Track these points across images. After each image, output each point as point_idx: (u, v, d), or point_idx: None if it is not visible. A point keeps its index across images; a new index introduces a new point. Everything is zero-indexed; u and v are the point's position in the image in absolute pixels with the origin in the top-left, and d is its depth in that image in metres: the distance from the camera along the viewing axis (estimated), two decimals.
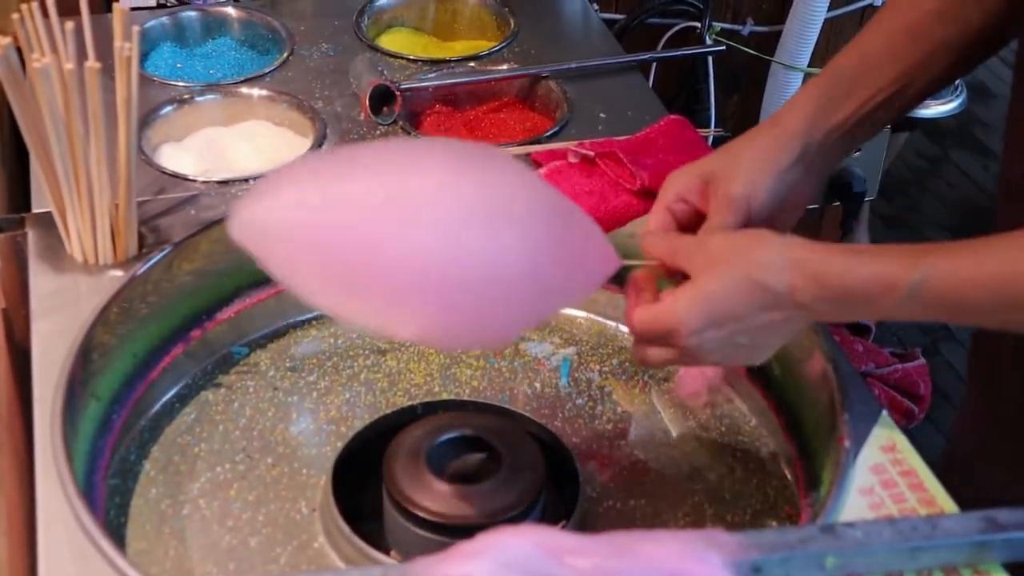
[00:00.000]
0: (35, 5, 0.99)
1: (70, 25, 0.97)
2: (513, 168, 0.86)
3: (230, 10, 1.45)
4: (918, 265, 0.81)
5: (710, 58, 1.63)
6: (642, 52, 1.48)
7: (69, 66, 0.95)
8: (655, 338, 0.87)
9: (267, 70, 1.35)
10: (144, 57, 1.38)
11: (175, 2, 1.46)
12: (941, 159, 3.21)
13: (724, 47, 1.51)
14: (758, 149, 0.94)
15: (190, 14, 1.44)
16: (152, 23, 1.40)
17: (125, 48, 0.97)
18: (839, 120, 0.97)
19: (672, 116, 1.27)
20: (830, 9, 1.73)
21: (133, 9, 1.44)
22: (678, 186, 0.95)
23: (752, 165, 0.94)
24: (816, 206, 1.89)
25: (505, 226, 0.81)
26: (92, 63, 0.95)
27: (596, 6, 1.61)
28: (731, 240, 0.88)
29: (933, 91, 1.02)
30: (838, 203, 1.89)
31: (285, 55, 1.39)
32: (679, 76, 1.74)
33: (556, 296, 0.87)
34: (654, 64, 1.65)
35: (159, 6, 1.46)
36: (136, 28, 0.99)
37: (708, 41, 1.66)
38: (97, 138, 1.00)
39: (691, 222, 0.94)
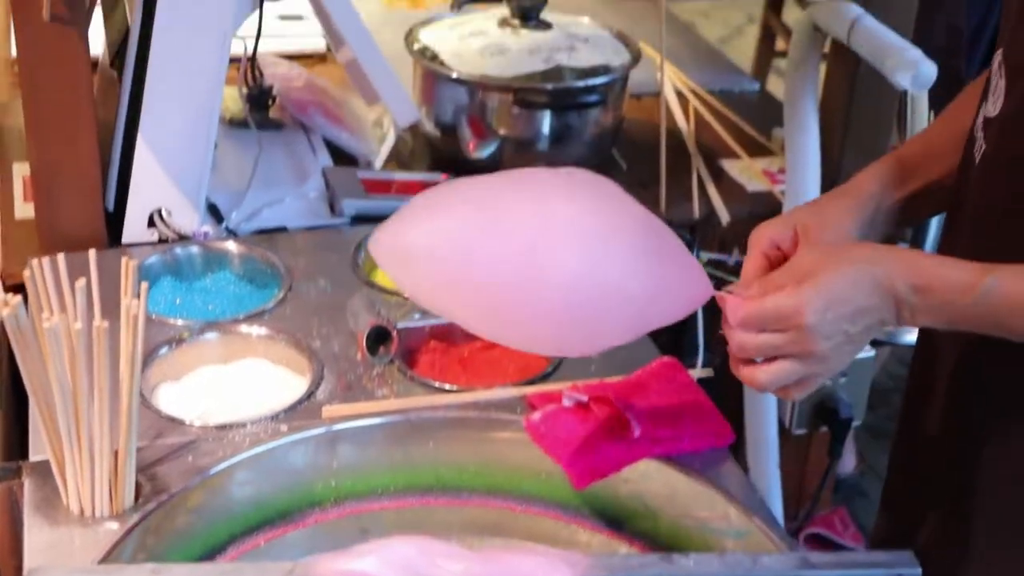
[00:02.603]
0: (46, 260, 1.02)
1: (80, 283, 0.99)
2: (622, 195, 0.99)
3: (230, 245, 1.48)
4: (992, 271, 0.93)
5: None
6: None
7: (78, 326, 0.96)
8: (770, 322, 0.95)
9: (265, 307, 1.38)
10: None
11: (176, 237, 1.49)
12: None
13: (712, 283, 1.54)
14: (843, 206, 1.09)
15: (190, 249, 1.47)
16: (152, 259, 1.43)
17: (133, 305, 0.99)
18: (905, 195, 1.12)
19: (663, 359, 1.29)
20: None
21: (134, 245, 1.48)
22: (772, 233, 1.06)
23: (839, 219, 1.07)
24: (803, 432, 1.90)
25: (621, 248, 0.95)
26: (99, 322, 0.97)
27: None
28: (828, 248, 1.00)
29: None
30: (825, 428, 1.90)
31: (284, 291, 1.41)
32: None
33: (656, 314, 0.99)
34: None
35: (160, 241, 1.49)
36: (144, 285, 1.01)
37: None
38: (100, 391, 1.01)
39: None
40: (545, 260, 0.94)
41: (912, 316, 0.97)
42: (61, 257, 1.02)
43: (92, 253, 1.03)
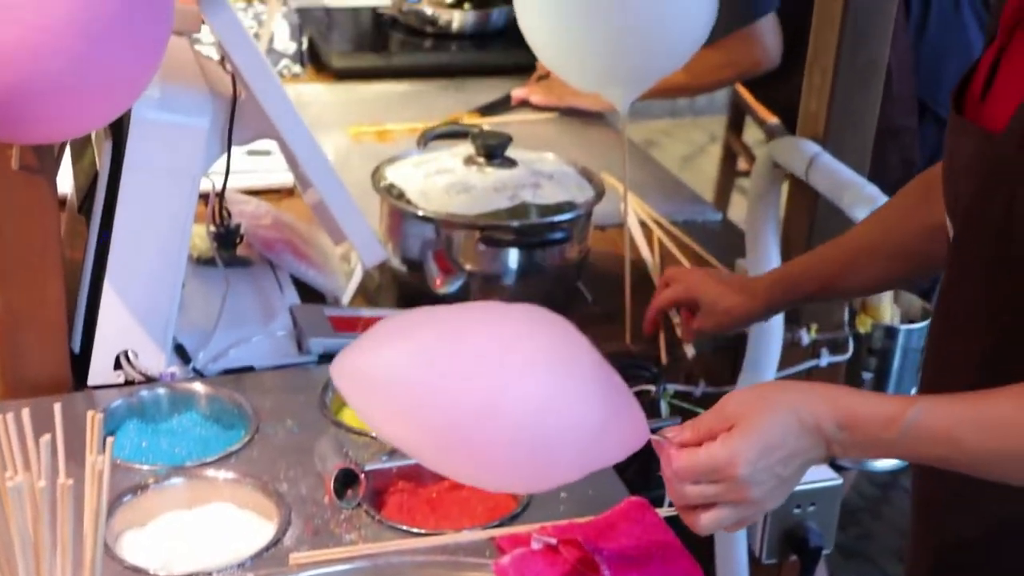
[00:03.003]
0: (10, 416, 1.01)
1: (45, 439, 0.98)
2: (575, 333, 1.02)
3: (197, 386, 1.48)
4: (915, 403, 0.96)
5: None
6: None
7: (41, 484, 0.96)
8: (704, 475, 0.98)
9: (232, 450, 1.37)
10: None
11: (142, 379, 1.49)
12: (891, 484, 3.25)
13: (679, 419, 1.55)
14: (740, 298, 1.51)
15: (157, 391, 1.46)
16: (118, 403, 1.43)
17: (99, 462, 0.99)
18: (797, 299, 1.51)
19: (632, 499, 1.29)
20: (779, 369, 1.79)
21: (99, 388, 1.48)
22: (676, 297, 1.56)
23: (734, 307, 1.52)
24: (774, 561, 1.89)
25: (576, 384, 0.97)
26: (64, 480, 0.96)
27: None
28: (755, 391, 1.03)
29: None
30: (795, 557, 1.90)
31: (251, 433, 1.41)
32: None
33: (600, 453, 1.01)
34: None
35: (127, 383, 1.49)
36: (110, 439, 1.00)
37: (663, 405, 1.71)
38: (63, 546, 0.99)
39: None
40: (503, 393, 0.96)
41: (843, 451, 1.01)
42: (26, 413, 1.02)
43: (58, 408, 1.02)
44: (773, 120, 2.54)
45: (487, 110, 2.50)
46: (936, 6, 2.16)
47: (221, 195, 1.65)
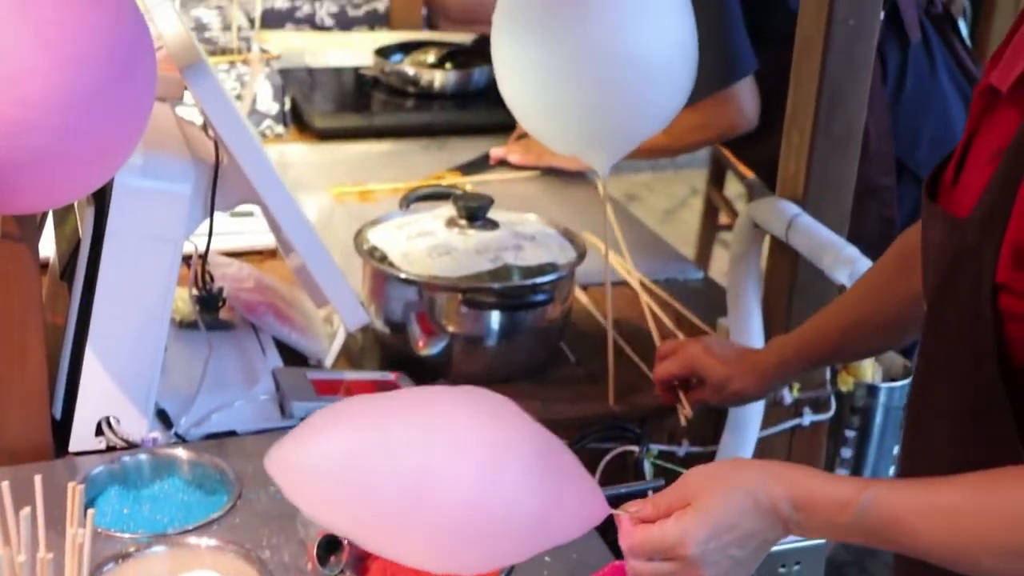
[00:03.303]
0: None
1: (25, 512, 0.98)
2: (518, 414, 1.03)
3: (179, 452, 1.47)
4: (868, 487, 0.96)
5: (650, 492, 1.67)
6: None
7: (21, 558, 0.95)
8: (657, 552, 1.00)
9: (214, 516, 1.37)
10: (90, 504, 1.38)
11: (124, 445, 1.48)
12: None
13: (662, 481, 1.55)
14: (746, 373, 1.56)
15: (139, 457, 1.46)
16: (99, 469, 1.42)
17: (79, 535, 0.99)
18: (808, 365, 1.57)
19: (615, 563, 1.29)
20: (762, 428, 1.80)
21: (80, 454, 1.47)
22: (675, 371, 1.61)
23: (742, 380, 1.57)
24: None
25: (515, 469, 0.97)
26: (44, 554, 0.96)
27: None
28: (714, 470, 1.05)
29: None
30: None
31: (233, 499, 1.40)
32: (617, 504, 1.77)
33: (551, 532, 1.02)
34: None
35: (108, 449, 1.48)
36: (91, 513, 1.00)
37: (647, 466, 1.71)
38: None
39: None
40: (435, 479, 0.97)
41: (801, 532, 1.02)
42: (5, 486, 1.01)
43: (38, 480, 1.02)
44: (752, 176, 2.56)
45: (467, 169, 2.52)
46: (912, 68, 2.18)
47: (204, 259, 1.65)
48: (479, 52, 2.93)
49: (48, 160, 1.06)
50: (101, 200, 1.40)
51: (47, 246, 1.61)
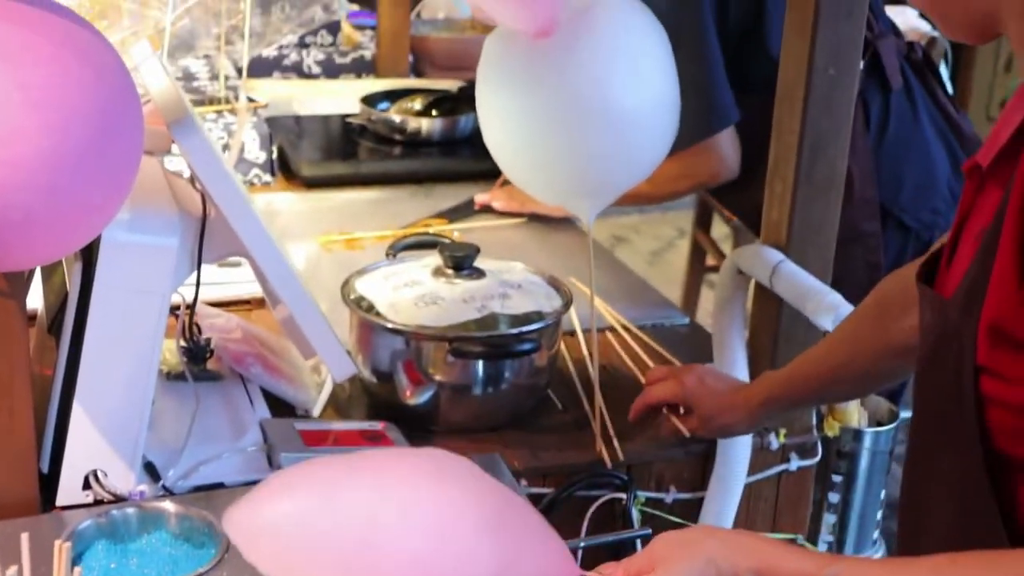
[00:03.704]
0: None
1: (12, 571, 0.98)
2: (477, 474, 1.04)
3: (166, 504, 1.47)
4: (832, 564, 0.99)
5: (638, 540, 1.67)
6: (570, 537, 1.51)
7: None
8: None
9: (202, 571, 1.36)
10: (77, 558, 1.38)
11: (111, 498, 1.48)
12: None
13: (649, 530, 1.55)
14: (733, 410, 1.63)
15: (126, 510, 1.45)
16: (86, 524, 1.41)
17: None
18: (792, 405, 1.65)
19: None
20: (749, 474, 1.80)
21: (67, 508, 1.47)
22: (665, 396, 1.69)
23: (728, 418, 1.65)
24: None
25: (468, 530, 0.98)
26: None
27: (524, 481, 1.67)
28: (681, 536, 1.09)
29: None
30: None
31: (221, 552, 1.40)
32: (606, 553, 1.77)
33: None
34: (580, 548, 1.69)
35: (96, 502, 1.48)
36: (77, 570, 1.00)
37: (634, 513, 1.71)
38: None
39: None
40: (382, 541, 0.99)
41: None
42: None
43: (25, 538, 1.02)
44: (736, 220, 2.58)
45: (452, 215, 2.53)
46: (894, 114, 2.21)
47: (191, 310, 1.66)
48: (465, 99, 2.95)
49: (37, 219, 1.06)
50: (88, 254, 1.40)
51: (35, 299, 1.62)
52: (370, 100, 2.96)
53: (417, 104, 2.95)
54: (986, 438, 1.02)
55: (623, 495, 1.73)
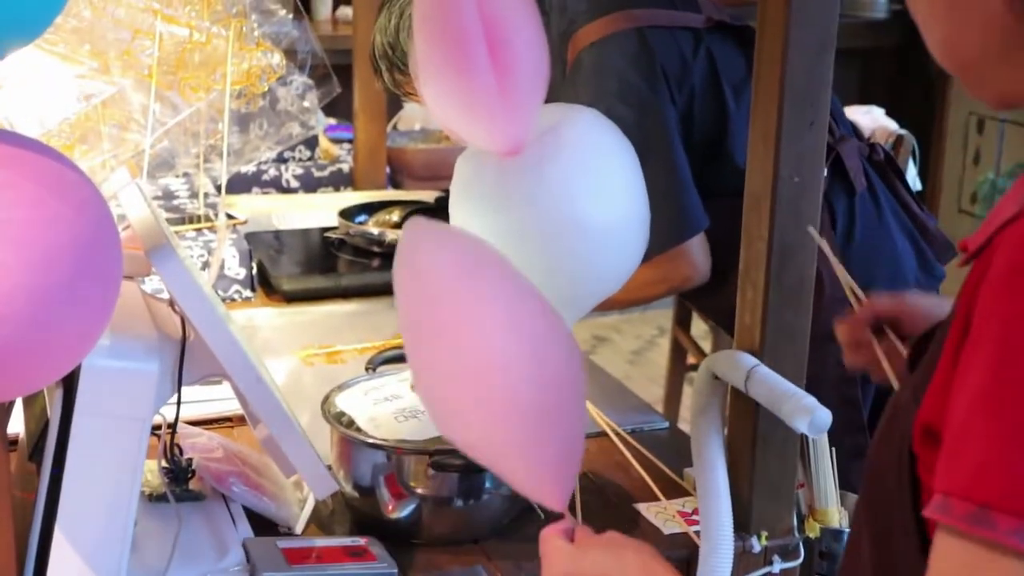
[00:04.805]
0: None
1: None
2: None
3: None
4: None
5: None
6: None
7: None
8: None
9: None
10: None
11: None
12: None
13: None
14: None
15: None
16: None
17: None
18: None
19: None
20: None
21: None
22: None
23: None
24: None
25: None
26: None
27: None
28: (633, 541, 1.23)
29: None
30: None
31: None
32: None
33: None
34: None
35: None
36: None
37: None
38: None
39: None
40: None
41: None
42: None
43: None
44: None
45: None
46: (860, 215, 2.25)
47: (172, 431, 1.67)
48: (442, 209, 2.98)
49: (18, 351, 1.08)
50: (69, 381, 1.42)
51: (16, 424, 1.63)
52: (348, 213, 3.00)
53: (395, 216, 2.99)
54: (921, 527, 1.02)
55: None
